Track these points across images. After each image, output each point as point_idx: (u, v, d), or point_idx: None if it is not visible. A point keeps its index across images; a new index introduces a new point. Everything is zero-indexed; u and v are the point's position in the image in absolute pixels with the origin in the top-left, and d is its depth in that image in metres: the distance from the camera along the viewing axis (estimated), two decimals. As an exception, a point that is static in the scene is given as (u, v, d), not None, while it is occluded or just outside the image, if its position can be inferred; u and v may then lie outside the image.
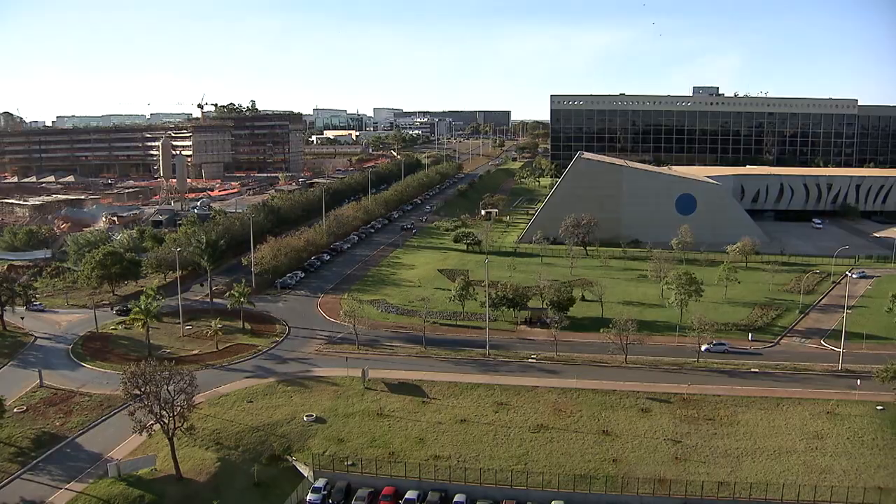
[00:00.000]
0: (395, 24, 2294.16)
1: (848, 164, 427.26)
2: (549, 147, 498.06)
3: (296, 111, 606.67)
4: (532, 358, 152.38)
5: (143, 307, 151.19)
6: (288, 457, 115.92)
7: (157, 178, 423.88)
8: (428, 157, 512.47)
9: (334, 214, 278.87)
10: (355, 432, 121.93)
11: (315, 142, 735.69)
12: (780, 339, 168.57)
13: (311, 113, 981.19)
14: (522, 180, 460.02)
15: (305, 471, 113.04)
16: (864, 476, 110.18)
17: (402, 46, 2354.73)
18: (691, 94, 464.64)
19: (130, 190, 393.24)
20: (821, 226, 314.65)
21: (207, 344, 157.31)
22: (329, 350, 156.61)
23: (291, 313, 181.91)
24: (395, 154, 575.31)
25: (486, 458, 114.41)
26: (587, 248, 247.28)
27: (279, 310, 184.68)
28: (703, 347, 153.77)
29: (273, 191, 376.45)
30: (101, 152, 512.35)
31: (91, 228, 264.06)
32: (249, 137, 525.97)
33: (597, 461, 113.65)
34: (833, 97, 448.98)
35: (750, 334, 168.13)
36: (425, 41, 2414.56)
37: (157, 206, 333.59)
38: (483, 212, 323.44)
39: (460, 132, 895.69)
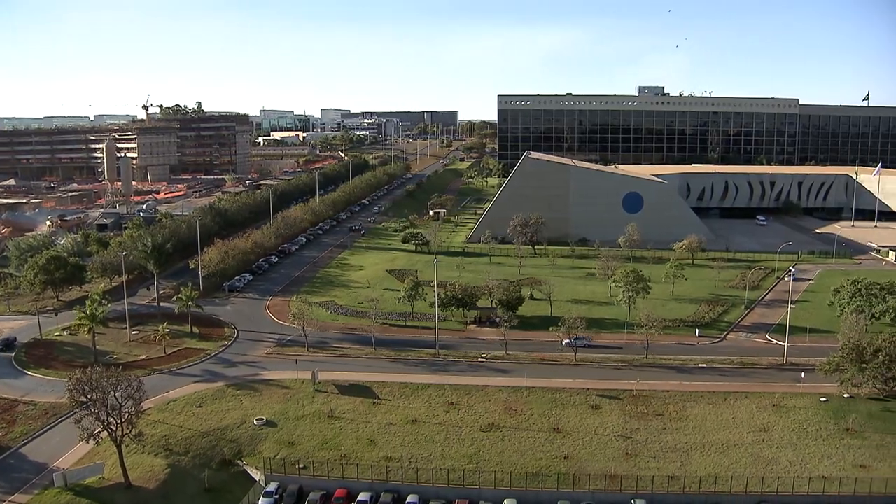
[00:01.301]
0: (342, 24, 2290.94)
1: (790, 162, 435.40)
2: (496, 147, 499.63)
3: (242, 112, 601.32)
4: (482, 357, 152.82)
5: (88, 312, 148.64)
6: (239, 461, 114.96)
7: (101, 181, 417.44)
8: (376, 158, 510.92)
9: (282, 216, 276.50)
10: (306, 435, 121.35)
11: (262, 143, 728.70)
12: (727, 334, 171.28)
13: (258, 114, 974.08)
14: (470, 180, 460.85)
15: (257, 475, 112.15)
16: (808, 466, 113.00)
17: (349, 47, 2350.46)
18: (637, 94, 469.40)
19: (74, 193, 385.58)
20: (765, 223, 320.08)
21: (155, 349, 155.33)
22: (278, 353, 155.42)
23: (240, 316, 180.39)
24: (342, 155, 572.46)
25: (437, 457, 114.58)
26: (535, 247, 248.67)
27: (227, 313, 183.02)
28: (563, 342, 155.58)
29: (220, 193, 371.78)
30: (43, 155, 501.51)
31: (34, 233, 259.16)
32: (196, 139, 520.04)
33: (548, 459, 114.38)
34: (775, 97, 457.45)
35: (697, 330, 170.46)
36: (373, 41, 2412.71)
37: (102, 210, 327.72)
38: (431, 212, 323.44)
39: (408, 132, 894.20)
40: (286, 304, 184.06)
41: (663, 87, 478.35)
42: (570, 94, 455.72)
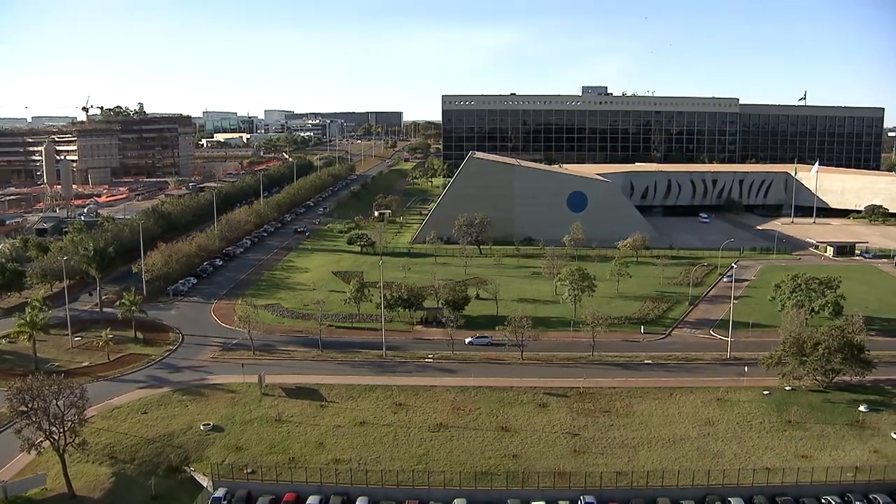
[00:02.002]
0: (285, 24, 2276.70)
1: (731, 161, 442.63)
2: (441, 147, 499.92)
3: (185, 114, 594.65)
4: (429, 358, 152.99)
5: (28, 319, 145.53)
6: (186, 468, 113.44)
7: (40, 185, 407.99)
8: (320, 159, 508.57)
9: (226, 219, 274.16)
10: (254, 439, 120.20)
11: (205, 145, 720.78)
12: (671, 330, 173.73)
13: (201, 116, 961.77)
14: (415, 181, 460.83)
15: (204, 481, 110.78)
16: (753, 458, 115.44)
17: (293, 47, 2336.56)
18: (581, 94, 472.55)
19: (12, 197, 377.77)
20: (707, 220, 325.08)
21: (98, 355, 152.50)
22: (224, 357, 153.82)
23: (185, 321, 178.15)
24: (286, 156, 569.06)
25: (386, 459, 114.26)
26: (481, 247, 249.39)
27: (172, 317, 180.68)
28: (466, 340, 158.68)
29: (163, 196, 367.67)
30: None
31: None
32: (137, 141, 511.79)
33: (497, 457, 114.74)
34: (716, 96, 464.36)
35: (642, 327, 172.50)
36: (316, 42, 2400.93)
37: (42, 214, 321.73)
38: (376, 213, 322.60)
39: (352, 133, 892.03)
40: (231, 308, 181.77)
41: (606, 87, 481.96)
42: (514, 94, 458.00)
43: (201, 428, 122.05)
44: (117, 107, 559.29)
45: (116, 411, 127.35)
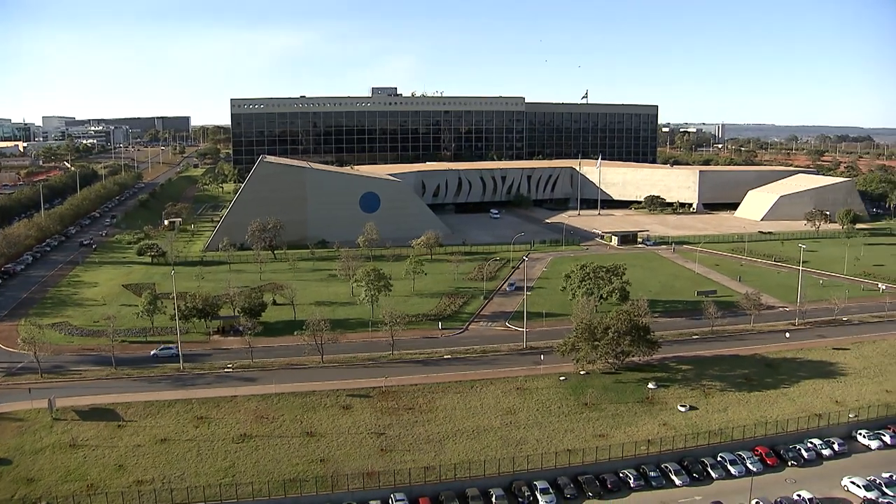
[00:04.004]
0: (59, 24, 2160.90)
1: (519, 157, 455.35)
2: (231, 152, 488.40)
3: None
4: (228, 367, 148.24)
5: None
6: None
7: None
8: (105, 168, 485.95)
9: (3, 234, 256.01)
10: (46, 469, 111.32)
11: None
12: (468, 325, 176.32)
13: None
14: (205, 187, 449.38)
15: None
16: (554, 442, 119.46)
17: (69, 49, 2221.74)
18: (370, 95, 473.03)
19: None
20: (498, 216, 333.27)
21: None
22: (8, 382, 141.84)
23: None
24: (68, 166, 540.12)
25: (191, 475, 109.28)
26: (275, 251, 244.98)
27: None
28: (151, 353, 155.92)
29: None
30: None
31: None
32: None
33: (304, 463, 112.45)
34: (503, 95, 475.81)
35: (440, 323, 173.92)
36: (95, 44, 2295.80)
37: None
38: (166, 221, 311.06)
39: (138, 140, 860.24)
40: (14, 329, 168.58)
41: (396, 88, 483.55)
42: (304, 96, 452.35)
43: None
44: None
45: None
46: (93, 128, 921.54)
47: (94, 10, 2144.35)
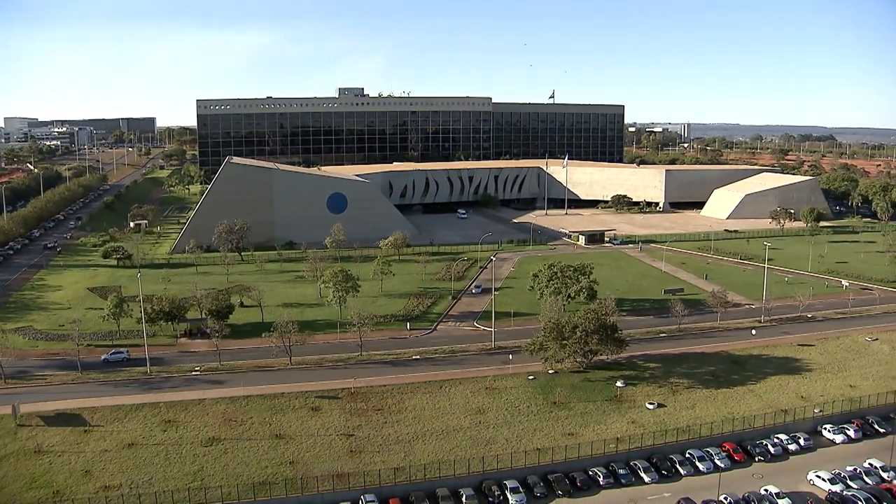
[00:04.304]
0: (23, 24, 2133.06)
1: (486, 157, 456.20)
2: (197, 153, 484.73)
3: None
4: (196, 370, 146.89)
5: None
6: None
7: None
8: (69, 170, 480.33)
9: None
10: (10, 476, 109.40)
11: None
12: (437, 325, 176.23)
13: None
14: (171, 189, 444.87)
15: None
16: (523, 441, 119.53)
17: (34, 49, 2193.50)
18: (337, 96, 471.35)
19: None
20: (465, 216, 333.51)
21: None
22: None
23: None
24: (32, 167, 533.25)
25: (159, 479, 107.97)
26: (242, 253, 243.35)
27: None
28: (102, 357, 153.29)
29: None
30: None
31: None
32: None
33: (274, 466, 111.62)
34: (470, 95, 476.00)
35: (408, 323, 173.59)
36: (59, 43, 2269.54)
37: None
38: (132, 224, 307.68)
39: (104, 141, 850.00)
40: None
41: (363, 89, 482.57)
42: (271, 97, 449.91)
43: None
44: None
45: None
46: (56, 129, 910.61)
47: (57, 8, 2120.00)
